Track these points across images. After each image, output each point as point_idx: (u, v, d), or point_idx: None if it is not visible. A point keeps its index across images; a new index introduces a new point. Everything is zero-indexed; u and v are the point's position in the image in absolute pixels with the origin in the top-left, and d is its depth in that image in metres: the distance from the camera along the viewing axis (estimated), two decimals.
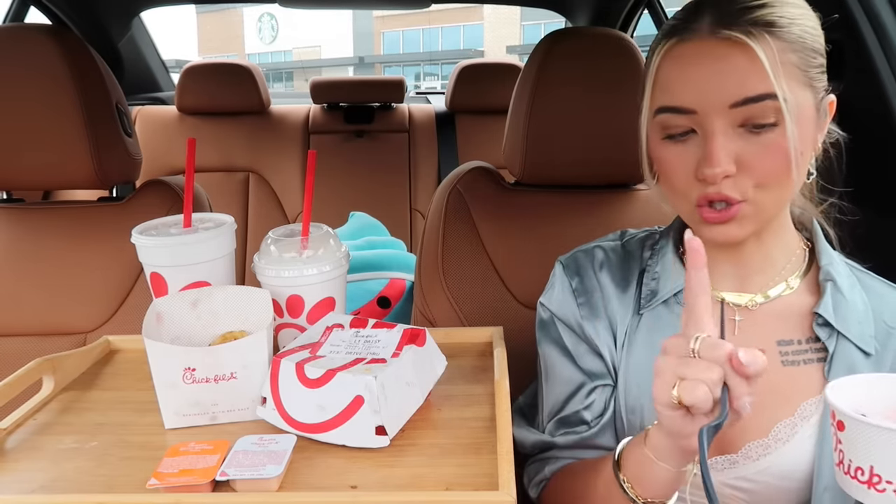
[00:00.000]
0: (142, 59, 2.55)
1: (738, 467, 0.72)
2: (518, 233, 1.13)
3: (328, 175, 2.18)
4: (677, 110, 0.68)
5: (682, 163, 0.69)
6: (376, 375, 0.60)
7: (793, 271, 0.76)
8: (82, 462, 0.62)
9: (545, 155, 1.10)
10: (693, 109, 0.66)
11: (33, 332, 1.13)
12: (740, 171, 0.66)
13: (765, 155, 0.65)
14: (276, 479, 0.56)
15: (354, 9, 5.14)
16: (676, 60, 0.68)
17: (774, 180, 0.66)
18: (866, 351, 0.72)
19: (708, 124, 0.66)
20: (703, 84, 0.66)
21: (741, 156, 0.65)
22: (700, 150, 0.67)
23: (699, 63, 0.66)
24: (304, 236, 0.79)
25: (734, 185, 0.66)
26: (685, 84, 0.67)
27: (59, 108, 1.06)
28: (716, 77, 0.65)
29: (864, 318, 0.73)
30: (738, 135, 0.66)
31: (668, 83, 0.69)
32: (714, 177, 0.65)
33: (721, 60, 0.65)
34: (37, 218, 1.18)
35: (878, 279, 0.78)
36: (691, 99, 0.66)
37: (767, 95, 0.64)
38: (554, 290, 0.84)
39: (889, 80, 0.96)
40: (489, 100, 2.28)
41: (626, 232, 0.87)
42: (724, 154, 0.65)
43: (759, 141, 0.65)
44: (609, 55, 1.08)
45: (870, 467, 0.51)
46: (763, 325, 0.75)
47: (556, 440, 0.79)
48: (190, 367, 0.65)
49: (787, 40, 0.65)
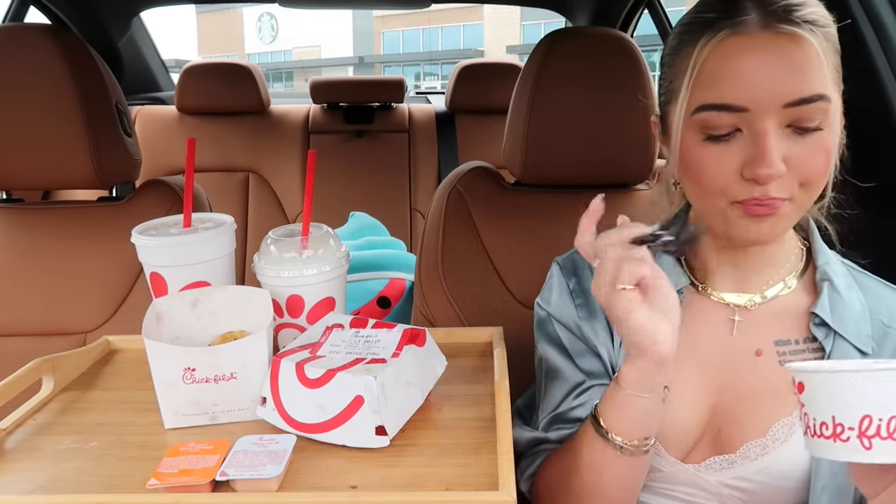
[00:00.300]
0: (141, 58, 2.55)
1: (737, 467, 0.72)
2: (518, 233, 1.13)
3: (328, 175, 2.18)
4: (726, 108, 0.64)
5: (724, 163, 0.66)
6: (376, 375, 0.60)
7: (790, 271, 0.76)
8: (82, 462, 0.62)
9: (545, 155, 1.10)
10: (745, 107, 0.63)
11: (33, 332, 1.13)
12: (787, 170, 0.64)
13: (811, 156, 0.64)
14: (275, 479, 0.56)
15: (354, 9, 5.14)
16: (726, 54, 0.64)
17: (817, 181, 0.66)
18: (863, 350, 0.72)
19: (759, 123, 0.63)
20: (757, 80, 0.63)
21: (788, 156, 0.64)
22: (747, 149, 0.64)
23: (753, 56, 0.63)
24: (304, 236, 0.78)
25: (781, 186, 0.64)
26: (736, 80, 0.64)
27: (59, 108, 1.06)
28: (770, 73, 0.62)
29: (860, 317, 0.74)
30: (786, 135, 0.64)
31: (716, 79, 0.65)
32: (768, 177, 0.63)
33: (775, 55, 0.62)
34: (36, 218, 1.18)
35: (874, 279, 0.78)
36: (743, 96, 0.63)
37: (820, 97, 0.62)
38: (552, 292, 0.84)
39: (889, 80, 0.96)
40: (489, 100, 2.28)
41: None
42: (777, 156, 0.63)
43: (804, 142, 0.64)
44: (609, 55, 1.08)
45: (832, 418, 0.50)
46: (761, 325, 0.75)
47: (549, 435, 0.79)
48: (190, 367, 0.65)
49: (829, 40, 0.64)
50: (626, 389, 0.64)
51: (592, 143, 1.09)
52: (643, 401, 0.63)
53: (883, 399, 0.48)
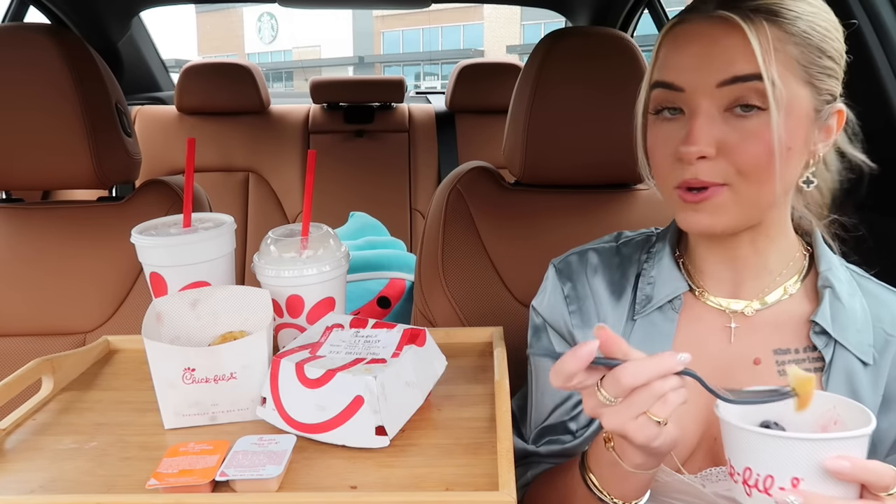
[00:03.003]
0: (141, 58, 2.55)
1: None
2: (518, 233, 1.13)
3: (328, 175, 2.18)
4: (668, 86, 0.68)
5: (666, 141, 0.68)
6: (376, 375, 0.60)
7: (790, 276, 0.74)
8: (82, 462, 0.62)
9: (545, 155, 1.10)
10: (681, 87, 0.66)
11: (33, 332, 1.13)
12: (720, 155, 0.65)
13: (746, 140, 0.64)
14: (275, 479, 0.56)
15: (354, 9, 5.15)
16: (674, 39, 0.69)
17: (755, 169, 0.65)
18: (864, 360, 0.71)
19: (693, 103, 0.66)
20: (694, 62, 0.66)
21: (723, 140, 0.65)
22: (684, 129, 0.66)
23: (692, 42, 0.67)
24: (304, 236, 0.78)
25: (712, 169, 0.65)
26: (678, 61, 0.67)
27: (59, 108, 1.06)
28: (706, 56, 0.65)
29: (862, 326, 0.72)
30: (724, 119, 0.65)
31: (664, 60, 0.69)
32: (689, 155, 0.65)
33: (713, 40, 0.65)
34: (36, 218, 1.18)
35: (880, 284, 0.77)
36: (681, 77, 0.66)
37: (756, 76, 0.63)
38: (546, 295, 0.83)
39: (889, 80, 0.96)
40: (489, 100, 2.28)
41: (621, 234, 0.85)
42: (704, 135, 0.64)
43: (742, 126, 0.64)
44: (609, 55, 1.08)
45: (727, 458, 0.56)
46: (760, 332, 0.73)
47: (539, 450, 0.79)
48: (190, 368, 0.65)
49: (789, 32, 0.64)
50: (614, 453, 0.62)
51: (592, 143, 1.09)
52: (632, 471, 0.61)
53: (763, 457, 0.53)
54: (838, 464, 0.51)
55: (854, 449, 0.52)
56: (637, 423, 0.55)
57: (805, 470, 0.52)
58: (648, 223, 0.88)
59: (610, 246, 0.83)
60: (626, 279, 0.79)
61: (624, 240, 0.84)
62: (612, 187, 1.17)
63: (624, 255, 0.81)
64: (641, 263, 0.79)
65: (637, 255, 0.80)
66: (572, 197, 1.15)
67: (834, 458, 0.51)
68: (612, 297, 0.78)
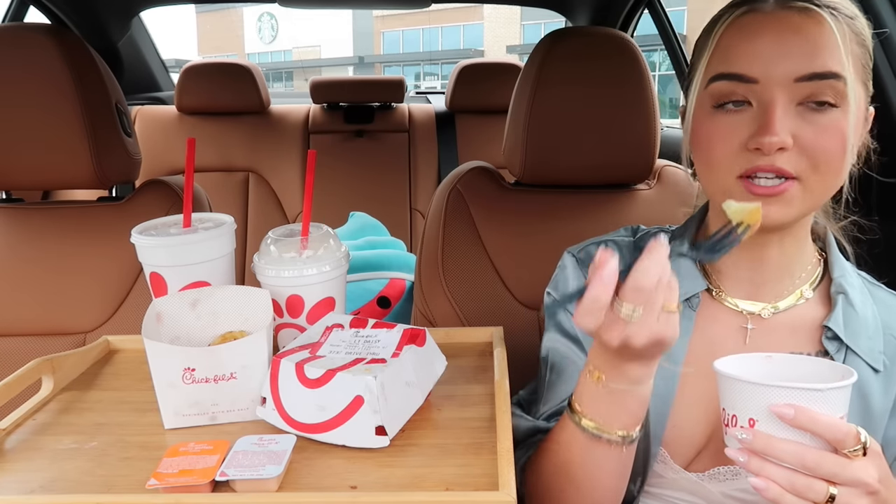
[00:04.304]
0: (141, 58, 2.55)
1: (740, 479, 0.70)
2: (518, 233, 1.13)
3: (328, 175, 2.18)
4: (737, 77, 0.65)
5: (731, 133, 0.66)
6: (376, 375, 0.60)
7: (806, 281, 0.75)
8: (82, 462, 0.62)
9: (545, 155, 1.10)
10: (755, 78, 0.64)
11: (33, 332, 1.13)
12: (795, 147, 0.63)
13: (822, 135, 0.63)
14: (275, 479, 0.55)
15: (354, 9, 5.14)
16: (742, 29, 0.66)
17: (828, 163, 0.64)
18: (875, 367, 0.70)
19: (768, 95, 0.64)
20: (770, 52, 0.63)
21: (798, 134, 0.63)
22: (754, 122, 0.64)
23: (767, 31, 0.64)
24: (304, 236, 0.78)
25: (788, 160, 0.64)
26: (750, 52, 0.64)
27: (59, 108, 1.06)
28: (784, 46, 0.63)
29: (874, 333, 0.72)
30: (797, 113, 0.64)
31: (730, 51, 0.66)
32: (770, 146, 0.63)
33: (791, 30, 0.63)
34: (36, 218, 1.18)
35: (890, 292, 0.77)
36: (755, 67, 0.64)
37: (834, 74, 0.62)
38: (568, 283, 0.81)
39: (890, 80, 0.96)
40: (489, 100, 2.28)
41: (638, 228, 0.84)
42: (783, 126, 0.63)
43: (817, 120, 0.63)
44: (609, 55, 1.08)
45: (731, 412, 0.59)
46: (775, 335, 0.73)
47: (550, 424, 0.77)
48: (189, 367, 0.65)
49: (853, 30, 0.64)
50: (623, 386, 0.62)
51: (592, 143, 1.09)
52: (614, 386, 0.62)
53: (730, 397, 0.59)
54: (782, 409, 0.54)
55: (814, 403, 0.55)
56: (663, 323, 0.57)
57: (758, 412, 0.57)
58: (648, 223, 0.88)
59: (628, 241, 0.82)
60: None
61: (641, 234, 0.83)
62: (612, 187, 1.17)
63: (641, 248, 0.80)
64: None
65: None
66: (572, 197, 1.15)
67: (781, 405, 0.55)
68: None
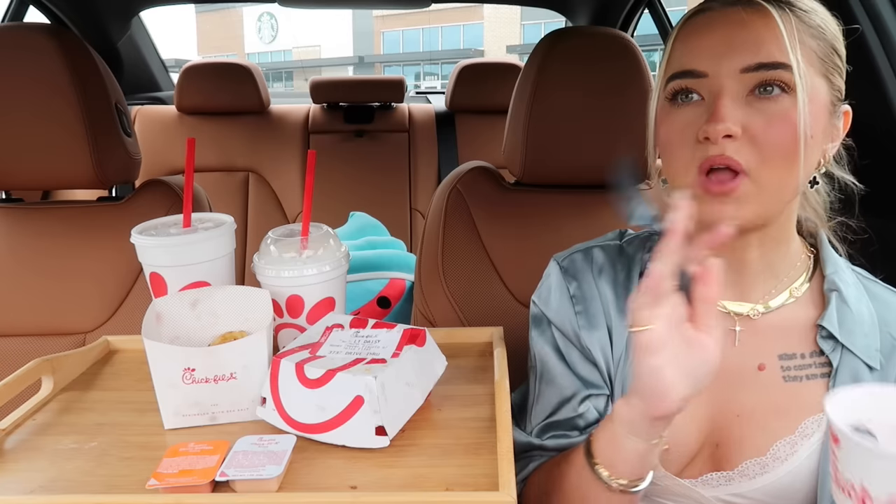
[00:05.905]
0: (141, 58, 2.55)
1: (734, 484, 0.70)
2: (518, 233, 1.13)
3: (328, 175, 2.18)
4: (689, 74, 0.66)
5: (685, 127, 0.67)
6: (376, 375, 0.60)
7: (796, 279, 0.73)
8: (82, 462, 0.62)
9: (545, 155, 1.10)
10: (704, 72, 0.65)
11: (33, 332, 1.13)
12: (745, 137, 0.64)
13: (772, 124, 0.63)
14: (275, 479, 0.55)
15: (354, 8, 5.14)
16: (693, 28, 0.68)
17: (780, 155, 0.64)
18: (871, 365, 0.69)
19: (716, 86, 0.65)
20: (717, 48, 0.65)
21: (748, 124, 0.64)
22: (706, 114, 0.65)
23: (714, 27, 0.66)
24: (304, 236, 0.78)
25: (738, 151, 0.64)
26: (700, 48, 0.66)
27: (59, 108, 1.06)
28: (730, 41, 0.64)
29: (870, 330, 0.71)
30: (747, 103, 0.64)
31: (683, 50, 0.68)
32: (716, 133, 0.63)
33: (737, 25, 0.64)
34: (36, 218, 1.18)
35: (886, 288, 0.76)
36: (703, 63, 0.65)
37: (781, 65, 0.63)
38: (551, 294, 0.81)
39: (890, 80, 0.96)
40: (489, 99, 2.28)
41: (625, 232, 0.84)
42: (730, 113, 0.63)
43: (767, 109, 0.64)
44: (609, 55, 1.08)
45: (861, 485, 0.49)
46: (764, 337, 0.72)
47: (545, 443, 0.77)
48: (189, 368, 0.65)
49: (806, 23, 0.65)
50: (618, 427, 0.61)
51: (592, 143, 1.09)
52: (634, 441, 0.60)
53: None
54: None
55: None
56: None
57: None
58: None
59: (614, 244, 0.82)
60: (630, 279, 0.77)
61: (627, 237, 0.82)
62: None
63: (628, 253, 0.80)
64: (645, 263, 0.78)
65: (640, 253, 0.79)
66: (572, 197, 1.15)
67: None
68: (617, 298, 0.77)
